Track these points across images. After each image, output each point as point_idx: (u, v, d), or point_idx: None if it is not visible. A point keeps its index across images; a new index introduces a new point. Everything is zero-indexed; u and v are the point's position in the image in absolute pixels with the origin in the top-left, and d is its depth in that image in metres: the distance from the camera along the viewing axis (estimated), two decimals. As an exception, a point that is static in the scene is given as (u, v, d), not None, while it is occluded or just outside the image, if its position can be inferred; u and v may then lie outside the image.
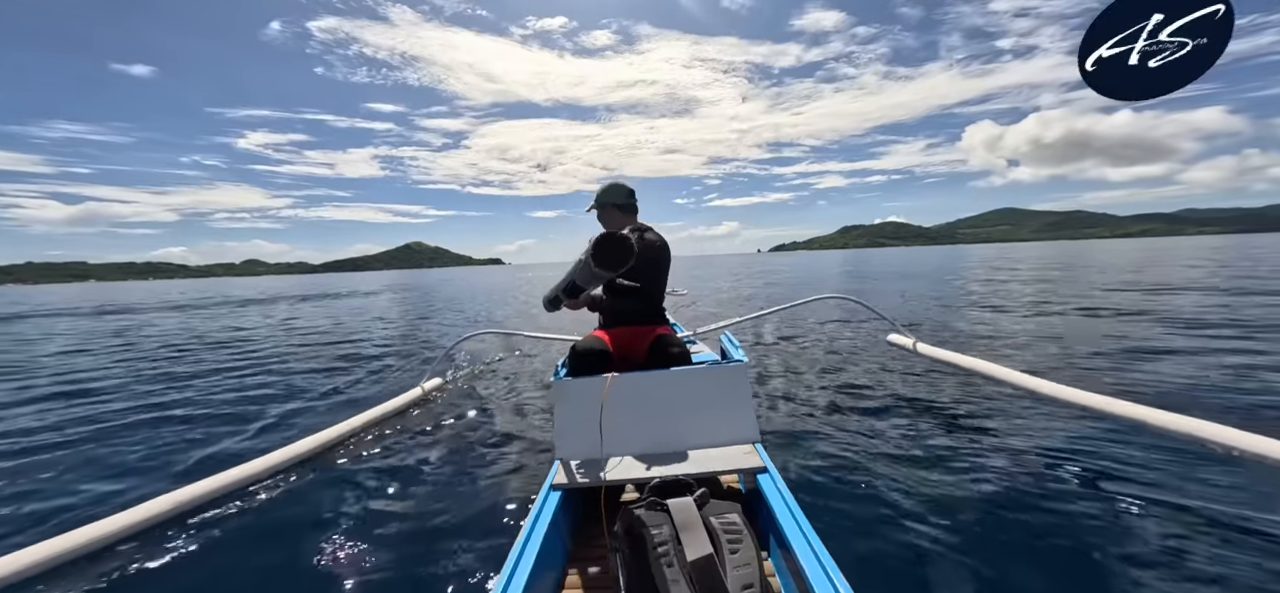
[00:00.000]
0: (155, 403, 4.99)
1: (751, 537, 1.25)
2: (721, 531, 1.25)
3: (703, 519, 1.26)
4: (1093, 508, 2.28)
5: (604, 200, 2.48)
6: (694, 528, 1.23)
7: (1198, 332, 6.14)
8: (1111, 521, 2.19)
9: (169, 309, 19.85)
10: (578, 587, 1.65)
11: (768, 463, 1.80)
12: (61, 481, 3.18)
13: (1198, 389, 3.92)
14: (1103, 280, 14.16)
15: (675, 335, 2.34)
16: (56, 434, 4.07)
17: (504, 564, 1.35)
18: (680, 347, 2.25)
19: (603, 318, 2.52)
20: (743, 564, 1.18)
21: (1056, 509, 2.29)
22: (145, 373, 6.64)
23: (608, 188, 2.51)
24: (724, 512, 1.31)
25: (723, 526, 1.26)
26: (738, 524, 1.27)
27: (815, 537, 1.38)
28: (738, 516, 1.30)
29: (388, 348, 8.08)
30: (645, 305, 2.40)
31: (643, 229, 2.41)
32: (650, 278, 2.38)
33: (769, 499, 1.61)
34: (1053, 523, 2.19)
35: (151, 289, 67.23)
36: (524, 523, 1.56)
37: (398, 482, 2.91)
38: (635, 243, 1.77)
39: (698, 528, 1.23)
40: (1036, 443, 2.96)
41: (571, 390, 2.04)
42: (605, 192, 2.50)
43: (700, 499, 1.32)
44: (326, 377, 5.96)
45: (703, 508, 1.30)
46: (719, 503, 1.35)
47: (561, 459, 1.95)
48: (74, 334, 11.97)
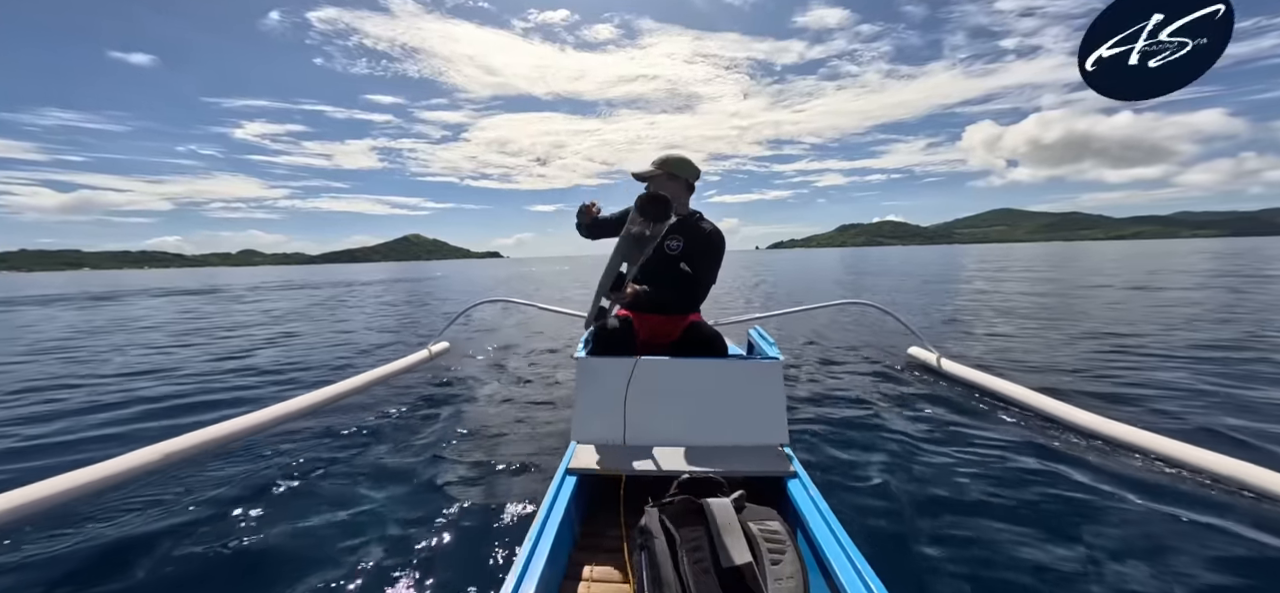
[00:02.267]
0: (155, 369, 4.97)
1: (795, 548, 1.17)
2: (762, 538, 1.17)
3: (742, 524, 1.18)
4: (1125, 533, 2.13)
5: (678, 172, 2.20)
6: (733, 533, 1.15)
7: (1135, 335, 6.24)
8: (1143, 546, 2.04)
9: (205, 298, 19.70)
10: (587, 579, 1.57)
11: (798, 468, 1.72)
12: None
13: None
14: (1070, 280, 14.20)
15: (707, 325, 2.25)
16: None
17: (519, 549, 1.30)
18: (716, 337, 2.15)
19: (638, 299, 2.41)
20: (786, 576, 1.10)
21: (1092, 533, 2.14)
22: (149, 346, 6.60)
23: (680, 160, 2.22)
24: (764, 518, 1.23)
25: (764, 533, 1.18)
26: (781, 533, 1.19)
27: (854, 548, 1.30)
28: (779, 523, 1.22)
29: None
30: (687, 292, 2.26)
31: (700, 217, 2.29)
32: (704, 267, 2.23)
33: (800, 506, 1.53)
34: (1089, 545, 2.06)
35: (147, 278, 66.70)
36: (537, 507, 1.50)
37: (397, 449, 2.83)
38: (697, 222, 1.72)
39: (737, 533, 1.15)
40: (1076, 470, 2.75)
41: (595, 370, 1.95)
42: (678, 162, 2.21)
43: (737, 502, 1.24)
44: (328, 348, 5.90)
45: (741, 512, 1.22)
46: (756, 508, 1.27)
47: (579, 442, 1.86)
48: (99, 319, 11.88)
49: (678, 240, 2.23)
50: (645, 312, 2.30)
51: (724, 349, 2.13)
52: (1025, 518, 2.31)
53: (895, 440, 3.25)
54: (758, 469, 1.72)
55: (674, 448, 1.81)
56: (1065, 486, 2.61)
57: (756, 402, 1.91)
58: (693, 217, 2.28)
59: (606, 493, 1.71)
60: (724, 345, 2.15)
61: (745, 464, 1.74)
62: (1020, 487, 2.61)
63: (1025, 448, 3.13)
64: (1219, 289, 11.40)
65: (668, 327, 2.25)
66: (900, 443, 3.22)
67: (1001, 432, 3.42)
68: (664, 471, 1.70)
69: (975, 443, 3.23)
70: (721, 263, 2.26)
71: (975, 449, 3.15)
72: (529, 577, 1.21)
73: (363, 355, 5.68)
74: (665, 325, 2.25)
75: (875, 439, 3.27)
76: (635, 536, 1.29)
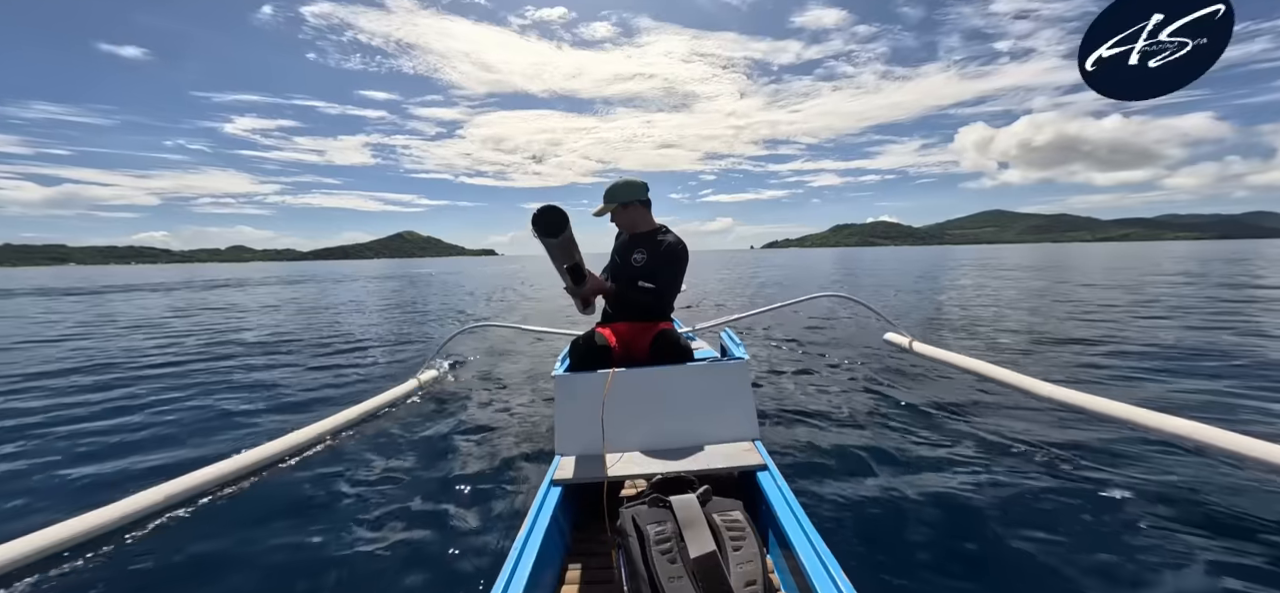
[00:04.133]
0: (141, 397, 4.90)
1: (754, 534, 1.26)
2: (724, 528, 1.25)
3: (706, 516, 1.26)
4: (1086, 505, 2.32)
5: (625, 198, 2.33)
6: (697, 525, 1.23)
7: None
8: (1103, 517, 2.23)
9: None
10: (578, 582, 1.64)
11: (767, 461, 1.81)
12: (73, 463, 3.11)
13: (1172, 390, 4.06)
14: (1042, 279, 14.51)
15: (677, 332, 2.34)
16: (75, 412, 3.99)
17: (505, 560, 1.35)
18: (682, 343, 2.24)
19: (609, 309, 2.49)
20: (745, 561, 1.19)
21: (1050, 507, 2.32)
22: (131, 362, 6.51)
23: (623, 185, 2.35)
24: (726, 509, 1.31)
25: (726, 523, 1.26)
26: (741, 522, 1.27)
27: (815, 533, 1.39)
28: (740, 513, 1.30)
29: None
30: (653, 302, 2.37)
31: (662, 230, 2.39)
32: (666, 279, 2.33)
33: (769, 496, 1.62)
34: (1046, 519, 2.22)
35: (136, 274, 65.69)
36: (525, 519, 1.55)
37: (394, 475, 2.88)
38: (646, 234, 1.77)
39: (701, 525, 1.23)
40: (1032, 442, 3.00)
41: (573, 386, 2.03)
42: (622, 188, 2.34)
43: (702, 496, 1.33)
44: (316, 371, 5.89)
45: (705, 505, 1.30)
46: (721, 501, 1.35)
47: (562, 455, 1.94)
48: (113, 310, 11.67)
49: (642, 254, 2.35)
50: (617, 321, 2.40)
51: (689, 354, 2.23)
52: (991, 492, 2.47)
53: (865, 424, 3.44)
54: (729, 465, 1.82)
55: (650, 452, 1.90)
56: (1035, 460, 2.81)
57: (726, 402, 2.01)
58: (656, 231, 2.39)
59: (596, 501, 1.78)
60: (690, 351, 2.25)
61: (718, 461, 1.83)
62: (989, 462, 2.80)
63: (994, 423, 3.34)
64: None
65: (640, 336, 2.33)
66: (869, 426, 3.41)
67: (972, 408, 3.63)
68: (641, 474, 1.77)
69: (945, 422, 3.43)
70: (684, 272, 2.38)
71: (944, 426, 3.35)
72: (515, 585, 1.26)
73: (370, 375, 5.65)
74: (637, 334, 2.34)
75: (845, 425, 3.45)
76: (613, 537, 1.37)
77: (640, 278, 2.30)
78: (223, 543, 2.25)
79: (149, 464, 3.15)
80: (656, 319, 2.40)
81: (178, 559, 2.14)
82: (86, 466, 3.13)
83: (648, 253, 2.34)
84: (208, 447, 3.38)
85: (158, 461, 3.21)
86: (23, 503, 2.68)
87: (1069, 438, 3.03)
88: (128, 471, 3.06)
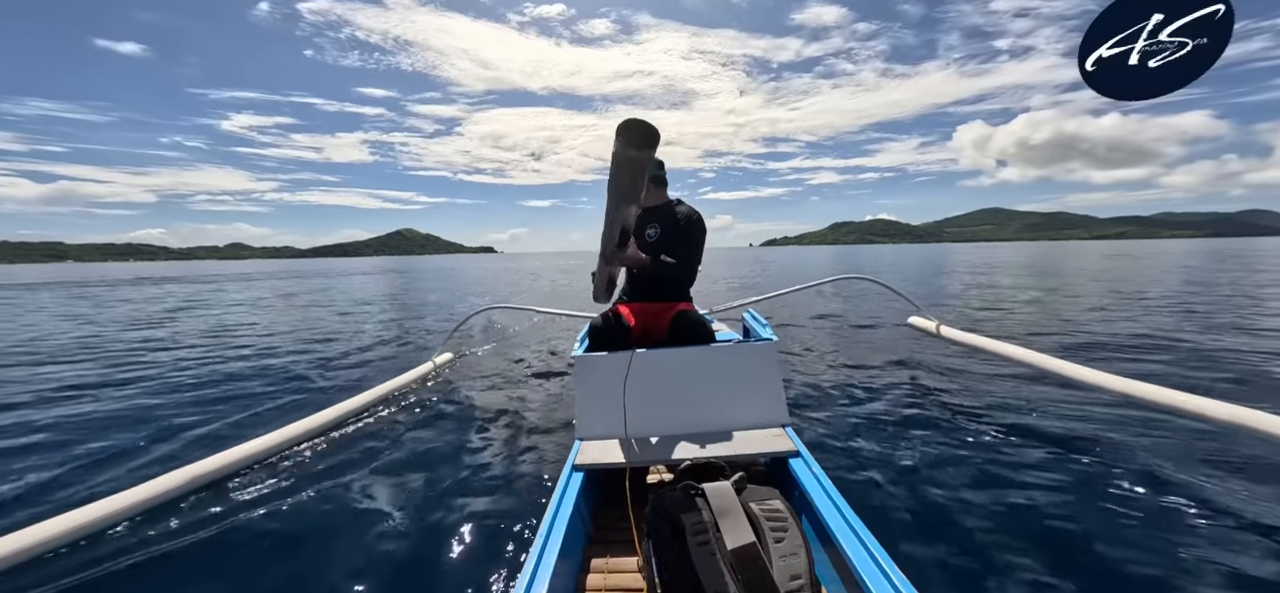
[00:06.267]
0: (160, 384, 4.90)
1: (797, 525, 1.18)
2: (763, 518, 1.18)
3: (743, 505, 1.19)
4: (1129, 496, 2.19)
5: None
6: (733, 514, 1.16)
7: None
8: (1151, 510, 2.09)
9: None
10: (602, 571, 1.58)
11: (800, 446, 1.73)
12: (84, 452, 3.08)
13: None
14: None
15: (695, 311, 2.27)
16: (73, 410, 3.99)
17: (530, 549, 1.31)
18: (701, 323, 2.16)
19: (627, 289, 2.42)
20: (789, 554, 1.11)
21: (1089, 495, 2.20)
22: (137, 353, 6.50)
23: None
24: (765, 498, 1.24)
25: (765, 513, 1.19)
26: (783, 512, 1.20)
27: (860, 523, 1.31)
28: (780, 501, 1.23)
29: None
30: (676, 277, 2.29)
31: (677, 202, 2.33)
32: (684, 252, 2.26)
33: (805, 485, 1.54)
34: (1081, 510, 2.10)
35: (132, 270, 65.35)
36: (547, 504, 1.51)
37: (411, 459, 2.84)
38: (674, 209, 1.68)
39: (738, 514, 1.16)
40: (1071, 428, 2.86)
41: (593, 367, 1.96)
42: None
43: (738, 484, 1.25)
44: (331, 357, 5.83)
45: (741, 493, 1.23)
46: (757, 489, 1.28)
47: (583, 438, 1.88)
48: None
49: (655, 228, 2.25)
50: (635, 300, 2.32)
51: (711, 335, 2.14)
52: (1030, 476, 2.37)
53: (897, 411, 3.32)
54: (759, 451, 1.74)
55: (676, 437, 1.83)
56: (1071, 443, 2.68)
57: (754, 385, 1.93)
58: (669, 203, 2.31)
59: (618, 486, 1.72)
60: (711, 332, 2.16)
61: (746, 447, 1.75)
62: (1023, 446, 2.69)
63: (1027, 407, 3.24)
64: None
65: (659, 315, 2.26)
66: (902, 413, 3.28)
67: (1004, 392, 3.52)
68: (667, 460, 1.71)
69: (977, 406, 3.32)
70: (703, 245, 2.27)
71: (977, 412, 3.24)
72: (541, 574, 1.21)
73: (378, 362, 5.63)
74: (656, 314, 2.27)
75: (877, 412, 3.32)
76: (643, 526, 1.30)
77: (658, 252, 2.21)
78: (239, 527, 2.21)
79: (192, 438, 3.21)
80: (676, 298, 2.32)
81: (203, 538, 2.12)
82: (112, 448, 3.11)
83: (662, 226, 2.25)
84: (221, 435, 3.35)
85: (194, 436, 3.24)
86: (22, 495, 2.61)
87: (1122, 426, 2.85)
88: (189, 440, 3.14)
